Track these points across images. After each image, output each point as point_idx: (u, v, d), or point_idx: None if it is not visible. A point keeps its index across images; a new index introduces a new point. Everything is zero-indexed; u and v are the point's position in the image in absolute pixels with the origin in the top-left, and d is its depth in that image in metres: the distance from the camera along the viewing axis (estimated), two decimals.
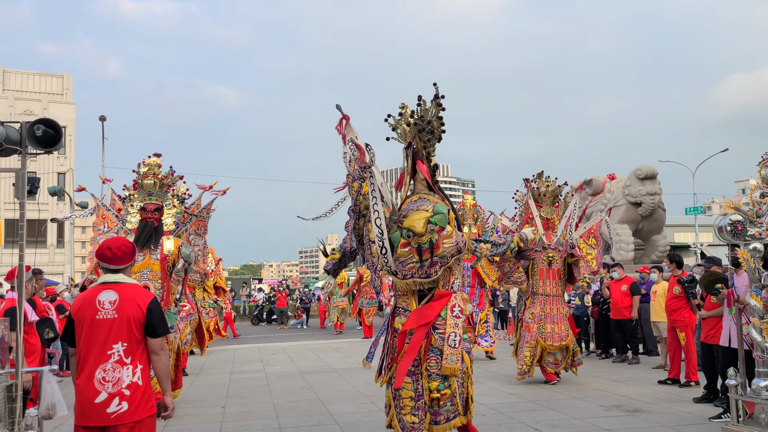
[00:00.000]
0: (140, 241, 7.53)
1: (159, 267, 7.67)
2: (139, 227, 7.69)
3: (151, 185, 7.94)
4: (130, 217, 7.88)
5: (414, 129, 5.61)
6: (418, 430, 5.25)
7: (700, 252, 34.35)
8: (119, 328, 3.74)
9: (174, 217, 8.15)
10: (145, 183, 7.92)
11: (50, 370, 4.67)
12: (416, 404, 5.30)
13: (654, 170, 17.64)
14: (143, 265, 7.55)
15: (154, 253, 7.68)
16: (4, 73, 39.62)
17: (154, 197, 7.94)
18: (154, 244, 7.66)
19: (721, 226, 5.95)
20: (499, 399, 8.43)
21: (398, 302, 5.66)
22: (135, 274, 6.95)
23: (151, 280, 7.49)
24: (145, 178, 7.94)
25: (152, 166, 8.00)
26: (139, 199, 7.93)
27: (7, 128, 4.55)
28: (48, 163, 36.74)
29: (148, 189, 7.95)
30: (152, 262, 7.63)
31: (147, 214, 7.78)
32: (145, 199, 7.91)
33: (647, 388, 9.00)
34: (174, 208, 8.20)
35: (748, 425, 5.75)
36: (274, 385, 10.15)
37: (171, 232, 8.01)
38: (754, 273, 5.80)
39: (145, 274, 7.55)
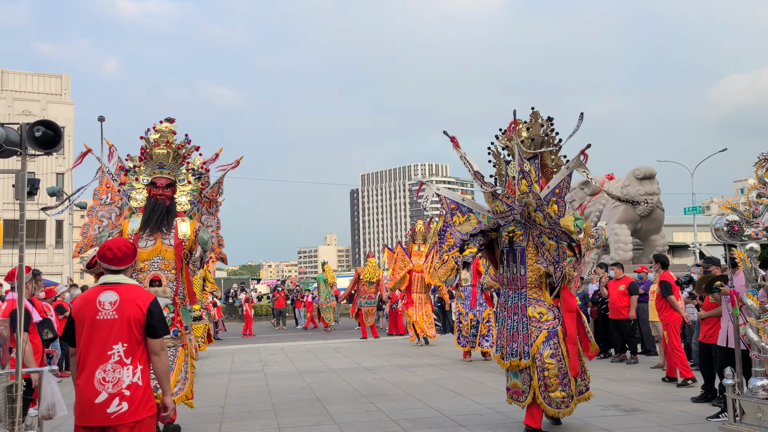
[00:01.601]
0: (150, 222, 6.36)
1: (172, 254, 6.42)
2: (148, 206, 6.45)
3: (164, 156, 6.60)
4: (135, 194, 6.62)
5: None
6: (566, 403, 6.30)
7: (699, 252, 34.42)
8: (120, 328, 3.76)
9: (189, 195, 6.77)
10: (156, 153, 6.58)
11: (50, 370, 4.69)
12: (562, 381, 6.29)
13: (652, 170, 17.67)
14: (154, 252, 6.36)
15: (166, 237, 6.43)
16: (3, 74, 39.61)
17: (165, 170, 6.64)
18: (166, 227, 6.42)
19: (718, 227, 5.97)
20: (498, 399, 8.44)
21: (529, 294, 6.54)
22: (144, 262, 6.28)
23: (162, 270, 6.38)
24: (156, 147, 6.60)
25: (165, 133, 6.65)
26: (146, 172, 6.65)
27: (7, 129, 4.57)
28: (47, 164, 36.74)
29: (160, 160, 6.63)
30: (164, 249, 6.39)
31: (157, 191, 6.53)
32: (155, 172, 6.63)
33: (645, 387, 9.03)
34: (189, 185, 6.79)
35: (745, 424, 5.78)
36: (273, 385, 10.17)
37: (185, 212, 6.70)
38: (751, 273, 5.82)
39: (156, 262, 6.35)
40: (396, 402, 8.41)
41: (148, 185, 6.60)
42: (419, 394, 8.95)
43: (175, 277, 6.45)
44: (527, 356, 6.36)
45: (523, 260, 6.64)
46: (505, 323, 6.72)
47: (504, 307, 6.83)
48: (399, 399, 8.63)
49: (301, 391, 9.56)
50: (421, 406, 8.10)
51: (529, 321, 6.46)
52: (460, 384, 9.75)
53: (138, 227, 6.43)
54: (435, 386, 9.63)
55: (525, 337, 6.43)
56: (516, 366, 6.45)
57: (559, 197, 6.51)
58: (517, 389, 6.58)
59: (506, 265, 6.82)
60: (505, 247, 6.81)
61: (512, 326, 6.61)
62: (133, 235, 6.33)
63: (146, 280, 6.28)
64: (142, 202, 6.57)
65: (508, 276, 6.80)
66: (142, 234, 6.42)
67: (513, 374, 6.60)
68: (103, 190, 7.08)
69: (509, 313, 6.71)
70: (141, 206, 6.55)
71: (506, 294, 6.81)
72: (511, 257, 6.77)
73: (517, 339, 6.48)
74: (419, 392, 9.08)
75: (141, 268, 6.28)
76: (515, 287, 6.69)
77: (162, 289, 6.31)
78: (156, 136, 6.62)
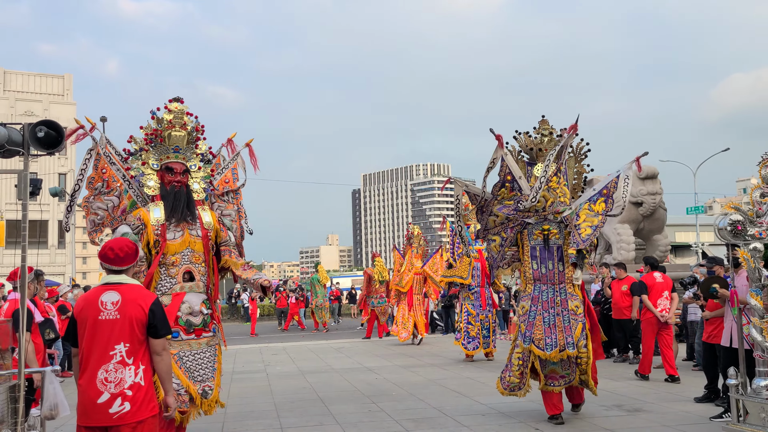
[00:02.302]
0: (176, 211, 5.71)
1: (201, 246, 5.81)
2: (168, 194, 5.78)
3: (180, 139, 5.91)
4: (147, 179, 5.91)
5: None
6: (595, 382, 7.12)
7: (702, 251, 34.38)
8: (121, 328, 3.76)
9: (203, 182, 6.17)
10: (172, 135, 5.88)
11: (53, 370, 4.69)
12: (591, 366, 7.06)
13: (655, 170, 17.64)
14: (183, 244, 5.70)
15: (192, 227, 5.80)
16: (5, 74, 39.70)
17: (181, 155, 5.94)
18: (191, 217, 5.81)
19: (721, 226, 5.96)
20: (501, 399, 8.42)
21: (567, 289, 7.06)
22: (175, 255, 5.62)
23: (193, 263, 5.73)
24: (171, 129, 5.88)
25: (180, 114, 5.93)
26: (155, 156, 5.93)
27: (10, 130, 4.58)
28: (49, 164, 36.79)
29: (176, 143, 5.91)
30: (193, 240, 5.76)
31: (174, 177, 5.85)
32: (169, 156, 5.90)
33: (648, 387, 9.01)
34: (200, 171, 6.17)
35: (748, 425, 5.76)
36: (275, 385, 10.17)
37: (202, 201, 6.14)
38: (755, 273, 5.81)
39: (186, 255, 5.71)
40: (398, 402, 8.41)
41: (159, 171, 5.91)
42: (421, 393, 8.95)
43: (206, 271, 5.84)
44: (572, 347, 6.81)
45: (560, 257, 7.09)
46: (540, 317, 7.00)
47: (538, 302, 7.07)
48: (401, 399, 8.63)
49: (304, 391, 9.56)
50: (423, 406, 8.09)
51: (569, 314, 6.94)
52: (462, 384, 9.74)
53: (162, 217, 5.69)
54: (437, 386, 9.63)
55: (567, 329, 6.90)
56: (557, 357, 6.83)
57: (607, 197, 7.01)
58: (555, 374, 6.98)
59: (540, 261, 7.13)
60: (538, 244, 7.14)
61: (549, 320, 6.95)
62: (160, 225, 5.64)
63: (180, 275, 5.65)
64: (156, 188, 5.89)
65: (543, 272, 7.11)
66: (169, 225, 5.71)
67: (551, 362, 6.94)
68: (97, 178, 6.02)
69: (545, 306, 7.02)
70: (156, 193, 5.87)
71: (540, 289, 7.10)
72: (546, 254, 7.11)
73: (555, 331, 6.89)
74: (421, 392, 9.07)
75: (172, 262, 5.65)
76: (552, 283, 7.07)
77: (195, 283, 5.71)
78: (170, 117, 5.88)
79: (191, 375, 5.50)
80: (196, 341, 5.60)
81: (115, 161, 6.03)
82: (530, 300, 7.16)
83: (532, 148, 7.39)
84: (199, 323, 5.63)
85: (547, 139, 7.32)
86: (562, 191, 7.19)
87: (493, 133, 7.07)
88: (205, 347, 5.68)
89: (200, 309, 5.64)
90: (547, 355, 6.84)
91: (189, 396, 5.45)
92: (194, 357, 5.58)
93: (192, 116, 6.04)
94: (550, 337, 6.89)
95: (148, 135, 5.93)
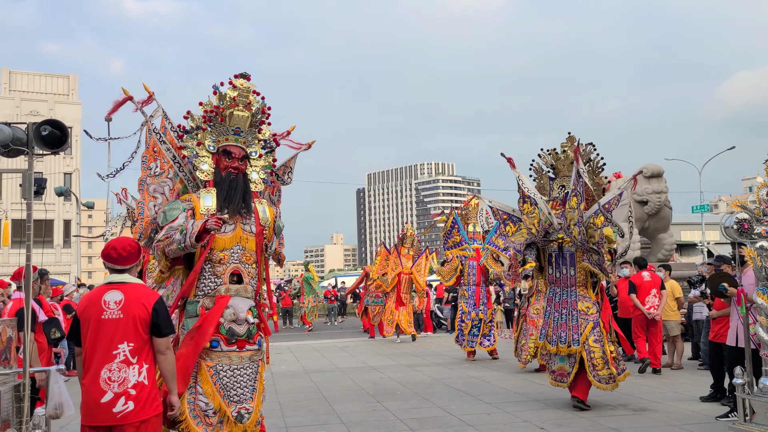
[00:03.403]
0: (231, 202, 4.84)
1: (254, 244, 4.93)
2: (223, 181, 4.94)
3: (242, 120, 5.06)
4: (200, 162, 5.02)
5: None
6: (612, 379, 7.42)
7: (707, 250, 34.26)
8: (125, 328, 3.76)
9: (263, 172, 5.26)
10: (234, 115, 5.01)
11: (57, 369, 4.70)
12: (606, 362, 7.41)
13: (660, 168, 17.58)
14: (234, 240, 4.84)
15: (246, 222, 4.92)
16: (11, 74, 39.84)
17: (242, 138, 5.09)
18: (246, 209, 4.93)
19: (728, 225, 5.93)
20: (505, 398, 8.43)
21: (578, 291, 7.70)
22: (223, 252, 4.76)
23: (243, 263, 4.85)
24: (233, 107, 5.00)
25: (245, 92, 5.07)
26: (212, 137, 5.05)
27: (14, 129, 4.59)
28: (54, 164, 36.94)
29: (237, 124, 5.05)
30: (245, 237, 4.88)
31: (231, 162, 4.99)
32: (228, 138, 5.04)
33: (654, 387, 8.98)
34: (261, 159, 5.25)
35: (755, 424, 5.73)
36: (280, 384, 10.17)
37: (259, 194, 5.24)
38: (761, 271, 5.77)
39: (236, 252, 4.83)
40: (403, 401, 8.40)
41: (215, 154, 5.05)
42: (426, 393, 8.93)
43: (256, 273, 4.98)
44: (577, 343, 7.50)
45: (572, 263, 7.77)
46: (552, 316, 7.80)
47: (551, 302, 7.88)
48: (406, 398, 8.62)
49: (308, 390, 9.55)
50: (428, 406, 8.08)
51: (578, 314, 7.61)
52: (467, 383, 9.72)
53: (214, 206, 4.86)
54: (442, 385, 9.61)
55: (574, 327, 7.58)
56: (565, 351, 7.56)
57: (608, 211, 7.48)
58: (563, 372, 7.66)
59: (555, 266, 7.90)
60: (554, 251, 7.88)
61: (559, 319, 7.71)
62: (210, 215, 4.72)
63: (226, 275, 4.78)
64: (210, 172, 5.02)
65: (557, 276, 7.87)
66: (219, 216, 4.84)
67: (560, 359, 7.68)
68: (150, 157, 5.23)
69: (557, 307, 7.79)
70: (209, 178, 5.02)
71: (554, 291, 7.89)
72: (560, 260, 7.85)
73: (565, 329, 7.61)
74: (426, 391, 9.06)
75: (219, 259, 4.77)
76: (564, 285, 7.80)
77: (243, 286, 4.83)
78: (235, 93, 5.02)
79: (226, 393, 4.56)
80: (237, 354, 4.66)
81: (166, 139, 5.20)
82: (546, 301, 8.08)
83: (554, 164, 8.11)
84: (243, 333, 4.69)
85: (564, 156, 7.96)
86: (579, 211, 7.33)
87: (505, 157, 7.86)
88: (247, 362, 4.73)
89: (246, 317, 4.71)
90: (554, 349, 7.65)
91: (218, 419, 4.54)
92: (233, 373, 4.63)
93: (259, 96, 5.15)
94: (557, 334, 7.66)
95: (207, 112, 5.03)
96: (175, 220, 4.68)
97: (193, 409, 4.45)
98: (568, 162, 7.83)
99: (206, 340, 4.53)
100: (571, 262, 7.76)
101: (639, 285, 10.59)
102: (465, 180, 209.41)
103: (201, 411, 4.46)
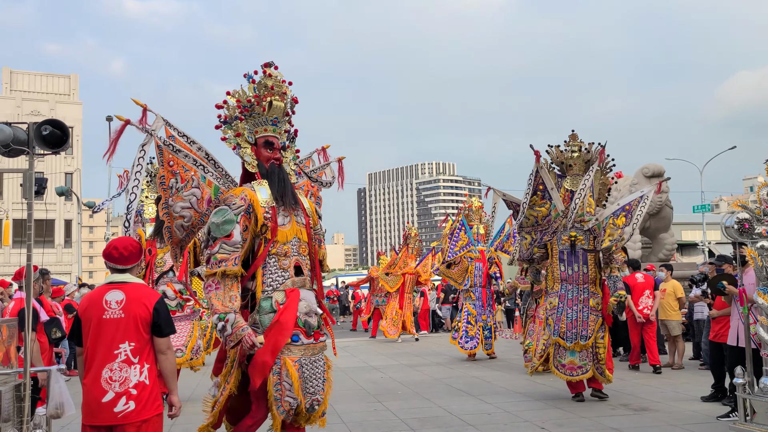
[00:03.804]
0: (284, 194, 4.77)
1: (306, 236, 4.87)
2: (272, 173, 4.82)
3: (280, 110, 4.93)
4: (244, 153, 4.87)
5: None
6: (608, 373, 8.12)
7: (708, 250, 34.25)
8: (126, 327, 3.76)
9: (292, 163, 5.13)
10: (274, 104, 4.88)
11: (58, 369, 4.70)
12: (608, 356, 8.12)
13: (661, 168, 17.58)
14: (292, 232, 4.75)
15: (297, 213, 4.86)
16: (12, 74, 39.88)
17: (278, 128, 4.96)
18: (294, 201, 4.86)
19: (729, 225, 5.93)
20: (506, 398, 8.43)
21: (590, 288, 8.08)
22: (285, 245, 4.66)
23: (301, 255, 4.77)
24: (271, 97, 4.86)
25: (279, 80, 4.95)
26: (250, 128, 4.90)
27: (15, 129, 4.59)
28: (55, 164, 36.96)
29: (275, 114, 4.91)
30: (299, 228, 4.81)
31: (272, 153, 4.89)
32: (267, 129, 4.90)
33: (654, 386, 8.98)
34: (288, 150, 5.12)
35: (756, 424, 5.73)
36: None
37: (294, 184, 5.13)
38: (762, 271, 5.77)
39: (295, 244, 4.75)
40: (404, 401, 8.40)
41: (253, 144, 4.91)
42: (427, 393, 8.94)
43: (311, 265, 4.88)
44: (586, 338, 7.90)
45: (585, 260, 8.07)
46: (565, 313, 8.02)
47: (564, 300, 8.08)
48: (407, 398, 8.62)
49: None
50: (429, 405, 8.08)
51: (590, 310, 7.96)
52: (468, 383, 9.73)
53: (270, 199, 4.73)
54: (443, 385, 9.62)
55: (584, 323, 7.94)
56: (579, 347, 7.88)
57: (628, 213, 8.03)
58: (573, 365, 7.92)
59: (567, 264, 8.12)
60: (566, 249, 8.10)
61: (572, 315, 7.98)
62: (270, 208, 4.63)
63: (291, 267, 4.66)
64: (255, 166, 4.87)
65: (569, 273, 8.12)
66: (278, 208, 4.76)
67: (570, 353, 7.93)
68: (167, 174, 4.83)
69: (570, 304, 8.04)
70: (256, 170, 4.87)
71: (566, 288, 8.11)
72: (573, 258, 8.09)
73: (577, 325, 7.94)
74: (427, 391, 9.06)
75: (285, 252, 4.65)
76: (577, 283, 8.08)
77: (304, 278, 4.72)
78: (270, 83, 4.89)
79: (304, 386, 4.50)
80: (314, 346, 4.64)
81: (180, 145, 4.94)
82: (558, 297, 8.16)
83: (563, 162, 8.35)
84: (315, 325, 4.67)
85: (576, 155, 8.24)
86: (588, 203, 8.11)
87: (533, 149, 8.11)
88: (320, 353, 4.75)
89: (316, 308, 4.71)
90: (568, 345, 7.92)
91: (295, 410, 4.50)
92: (312, 365, 4.62)
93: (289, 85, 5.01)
94: (571, 330, 7.94)
95: (244, 102, 4.83)
96: (230, 236, 4.38)
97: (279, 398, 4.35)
98: (580, 161, 8.24)
99: (288, 336, 4.42)
100: (584, 259, 8.07)
101: (633, 286, 10.73)
102: (466, 180, 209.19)
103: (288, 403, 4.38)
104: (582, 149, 8.27)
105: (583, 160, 8.25)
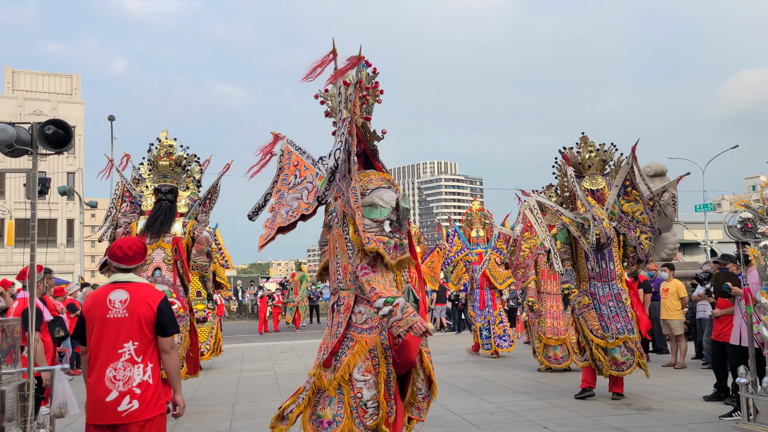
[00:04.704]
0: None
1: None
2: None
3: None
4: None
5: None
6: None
7: (710, 249, 34.18)
8: (130, 327, 3.77)
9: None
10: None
11: (62, 368, 4.71)
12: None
13: (663, 167, 17.56)
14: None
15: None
16: (14, 74, 39.90)
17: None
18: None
19: (731, 224, 5.92)
20: (509, 397, 8.43)
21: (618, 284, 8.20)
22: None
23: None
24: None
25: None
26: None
27: (18, 129, 4.58)
28: (58, 163, 36.98)
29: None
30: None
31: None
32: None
33: (657, 386, 8.97)
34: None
35: (759, 423, 5.73)
36: (283, 383, 10.17)
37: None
38: (765, 271, 5.77)
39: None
40: None
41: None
42: None
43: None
44: (632, 332, 8.01)
45: (611, 257, 8.22)
46: (600, 311, 8.11)
47: (595, 297, 8.19)
48: None
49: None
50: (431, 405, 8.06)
51: (624, 305, 8.10)
52: (470, 382, 9.72)
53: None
54: (445, 384, 9.60)
55: (625, 317, 8.05)
56: (621, 341, 7.94)
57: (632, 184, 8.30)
58: (616, 361, 7.93)
59: (594, 261, 8.25)
60: (592, 246, 8.05)
61: (608, 312, 8.07)
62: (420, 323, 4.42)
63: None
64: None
65: (597, 271, 8.26)
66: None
67: (612, 350, 7.95)
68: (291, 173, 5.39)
69: (603, 300, 8.16)
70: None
71: (595, 285, 8.24)
72: (600, 255, 8.21)
73: (618, 320, 8.03)
74: None
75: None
76: (605, 279, 8.22)
77: None
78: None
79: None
80: None
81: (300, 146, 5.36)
82: (588, 295, 8.27)
83: (581, 163, 8.55)
84: None
85: (594, 155, 8.49)
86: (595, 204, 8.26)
87: (561, 153, 8.53)
88: None
89: None
90: (608, 343, 7.94)
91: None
92: None
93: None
94: (609, 327, 8.00)
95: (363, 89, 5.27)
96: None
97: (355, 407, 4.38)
98: (598, 160, 8.51)
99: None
100: (610, 256, 8.22)
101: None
102: (468, 179, 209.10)
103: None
104: (600, 150, 8.57)
105: (600, 159, 8.55)
